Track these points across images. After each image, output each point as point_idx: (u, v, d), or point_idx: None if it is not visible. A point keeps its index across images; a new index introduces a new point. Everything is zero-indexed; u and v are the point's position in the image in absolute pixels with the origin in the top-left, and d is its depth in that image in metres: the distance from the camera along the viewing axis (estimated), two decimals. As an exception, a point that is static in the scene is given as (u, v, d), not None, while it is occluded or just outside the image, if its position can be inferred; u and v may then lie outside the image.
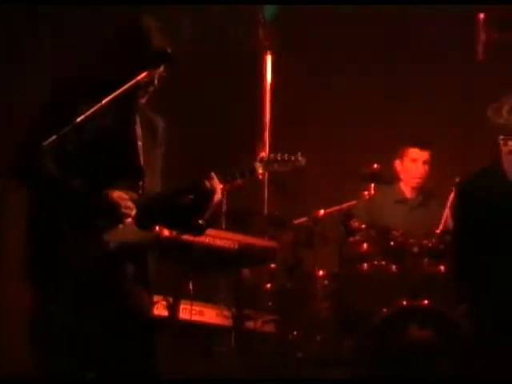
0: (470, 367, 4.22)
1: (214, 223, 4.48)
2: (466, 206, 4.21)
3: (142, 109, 3.68)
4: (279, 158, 3.90)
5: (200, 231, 3.72)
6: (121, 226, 3.49)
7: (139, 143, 3.64)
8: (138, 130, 3.67)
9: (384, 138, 6.30)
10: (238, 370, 5.09)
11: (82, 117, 3.32)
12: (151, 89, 3.60)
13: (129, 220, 3.49)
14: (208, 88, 6.32)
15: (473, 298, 4.14)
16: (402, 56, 6.32)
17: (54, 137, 3.24)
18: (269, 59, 5.86)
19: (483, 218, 4.03)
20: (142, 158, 3.64)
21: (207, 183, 3.58)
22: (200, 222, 3.61)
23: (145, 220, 3.54)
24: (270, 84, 5.94)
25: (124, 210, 3.45)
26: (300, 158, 3.94)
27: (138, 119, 3.68)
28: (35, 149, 3.37)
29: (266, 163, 3.80)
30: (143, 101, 3.61)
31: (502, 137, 3.96)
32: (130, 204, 3.47)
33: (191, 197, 3.61)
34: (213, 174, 3.62)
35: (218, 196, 3.58)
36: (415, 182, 5.79)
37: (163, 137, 3.82)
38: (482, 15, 4.97)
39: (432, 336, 5.00)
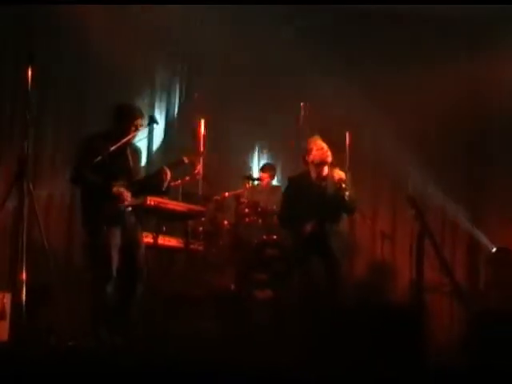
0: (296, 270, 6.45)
1: (169, 190, 5.82)
2: (288, 192, 6.39)
3: (131, 143, 5.59)
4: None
5: (166, 194, 5.67)
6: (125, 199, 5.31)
7: (130, 159, 5.55)
8: (130, 153, 5.58)
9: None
10: (188, 268, 6.98)
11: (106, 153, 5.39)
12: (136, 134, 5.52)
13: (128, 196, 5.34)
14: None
15: (293, 237, 6.30)
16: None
17: (99, 158, 5.28)
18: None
19: (296, 198, 6.17)
20: (131, 166, 5.54)
21: (162, 170, 5.44)
22: (163, 189, 5.50)
23: (139, 193, 5.53)
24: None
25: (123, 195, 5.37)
26: (186, 160, 5.69)
27: (128, 149, 5.57)
28: (85, 166, 5.35)
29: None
30: (132, 139, 5.53)
31: (307, 157, 6.09)
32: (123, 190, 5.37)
33: (156, 178, 5.45)
34: (163, 166, 5.49)
35: (167, 176, 5.44)
36: (264, 186, 8.19)
37: (140, 155, 5.79)
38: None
39: (277, 254, 7.17)
